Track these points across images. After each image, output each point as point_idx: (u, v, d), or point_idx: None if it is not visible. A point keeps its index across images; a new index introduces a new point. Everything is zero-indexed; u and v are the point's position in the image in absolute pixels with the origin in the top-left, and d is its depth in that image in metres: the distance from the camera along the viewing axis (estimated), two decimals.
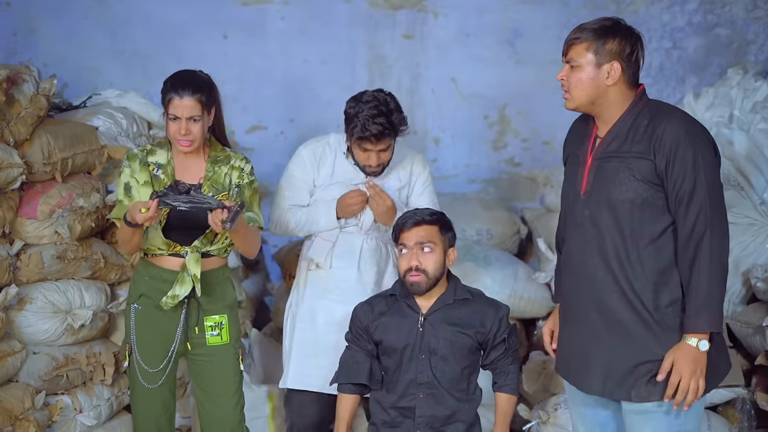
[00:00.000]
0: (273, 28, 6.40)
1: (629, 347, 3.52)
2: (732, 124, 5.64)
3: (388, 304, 4.21)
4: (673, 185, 3.43)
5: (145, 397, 4.19)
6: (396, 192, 4.69)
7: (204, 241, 4.11)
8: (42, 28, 6.39)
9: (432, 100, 6.40)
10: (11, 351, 4.37)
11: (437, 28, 6.41)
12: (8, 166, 4.32)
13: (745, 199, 5.35)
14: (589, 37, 3.53)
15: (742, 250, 5.26)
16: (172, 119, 4.04)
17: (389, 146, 4.55)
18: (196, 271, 4.07)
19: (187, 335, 4.17)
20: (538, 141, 6.48)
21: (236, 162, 4.21)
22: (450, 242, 4.16)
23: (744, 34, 6.38)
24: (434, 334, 4.09)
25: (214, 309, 4.19)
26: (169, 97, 4.05)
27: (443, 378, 4.10)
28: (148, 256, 4.15)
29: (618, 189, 3.51)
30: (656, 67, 6.39)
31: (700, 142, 3.44)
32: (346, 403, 4.24)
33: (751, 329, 4.92)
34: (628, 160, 3.49)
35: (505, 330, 4.15)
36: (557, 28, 6.24)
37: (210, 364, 4.20)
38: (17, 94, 4.48)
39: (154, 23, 6.35)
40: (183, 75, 4.13)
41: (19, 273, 4.48)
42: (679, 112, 3.55)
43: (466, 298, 4.15)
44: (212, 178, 4.15)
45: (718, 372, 3.58)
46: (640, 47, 3.56)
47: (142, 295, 4.14)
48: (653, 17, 6.35)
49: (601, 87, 3.53)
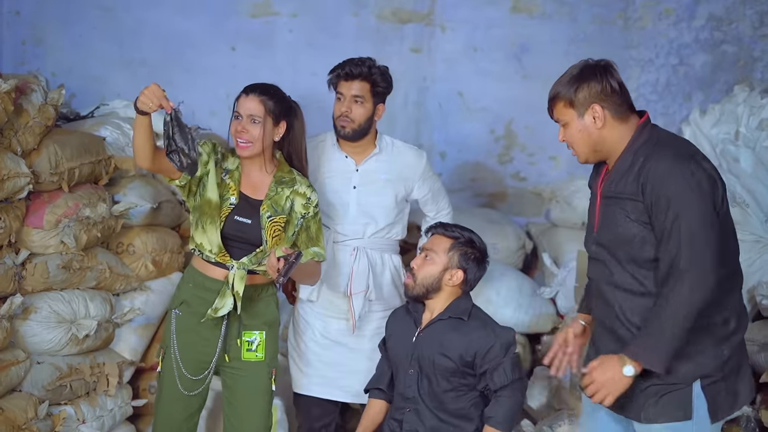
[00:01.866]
0: (281, 40, 6.42)
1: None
2: (738, 141, 5.63)
3: (404, 314, 4.22)
4: (657, 224, 3.41)
5: (176, 403, 4.19)
6: (385, 182, 4.69)
7: (253, 259, 4.11)
8: (50, 37, 6.41)
9: (439, 114, 6.41)
10: (15, 360, 4.37)
11: (445, 42, 6.42)
12: (15, 175, 4.33)
13: (751, 216, 5.35)
14: (562, 94, 3.55)
15: (747, 267, 5.24)
16: (236, 117, 4.10)
17: (364, 98, 4.62)
18: (239, 288, 4.07)
19: (226, 347, 4.17)
20: (544, 156, 6.48)
21: (301, 188, 4.22)
22: (460, 263, 4.10)
23: (751, 51, 6.38)
24: (424, 350, 4.06)
25: (254, 324, 4.20)
26: (238, 95, 4.14)
27: (426, 395, 4.05)
28: (195, 253, 4.16)
29: (617, 230, 3.52)
30: (663, 84, 6.39)
31: (683, 179, 3.37)
32: (371, 407, 4.27)
33: (756, 346, 4.91)
34: (623, 202, 3.50)
35: (499, 359, 3.99)
36: (565, 43, 6.25)
37: (243, 379, 4.21)
38: (25, 103, 4.49)
39: (162, 34, 6.36)
40: (262, 83, 4.21)
41: (24, 282, 4.48)
42: (669, 148, 3.46)
43: (460, 318, 4.07)
44: (273, 198, 4.15)
45: (735, 399, 3.56)
46: (610, 78, 3.51)
47: (183, 301, 4.17)
48: (660, 33, 6.35)
49: (594, 134, 3.53)
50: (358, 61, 4.65)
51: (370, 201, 4.68)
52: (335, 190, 4.69)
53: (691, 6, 6.34)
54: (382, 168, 4.71)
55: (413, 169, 4.76)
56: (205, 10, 6.39)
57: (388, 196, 4.70)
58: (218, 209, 4.08)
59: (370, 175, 4.70)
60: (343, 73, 4.62)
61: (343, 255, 4.68)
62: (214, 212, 4.08)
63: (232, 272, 4.09)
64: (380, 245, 4.71)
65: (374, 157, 4.72)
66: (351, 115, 4.62)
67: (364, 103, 4.62)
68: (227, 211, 4.08)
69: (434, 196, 4.86)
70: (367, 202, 4.68)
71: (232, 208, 4.10)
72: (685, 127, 5.95)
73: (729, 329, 3.52)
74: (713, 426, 3.52)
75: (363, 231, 4.69)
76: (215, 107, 6.24)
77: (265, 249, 4.11)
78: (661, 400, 3.49)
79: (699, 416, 3.49)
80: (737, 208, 5.38)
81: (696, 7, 6.34)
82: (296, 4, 6.41)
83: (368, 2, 6.40)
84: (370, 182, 4.68)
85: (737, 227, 5.28)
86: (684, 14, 6.35)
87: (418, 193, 4.80)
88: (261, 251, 4.11)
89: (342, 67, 4.66)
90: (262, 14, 6.42)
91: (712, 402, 3.49)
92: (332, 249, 4.67)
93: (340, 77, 4.63)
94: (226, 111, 6.30)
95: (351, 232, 4.69)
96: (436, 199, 4.87)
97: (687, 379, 3.48)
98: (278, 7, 6.41)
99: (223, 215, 4.08)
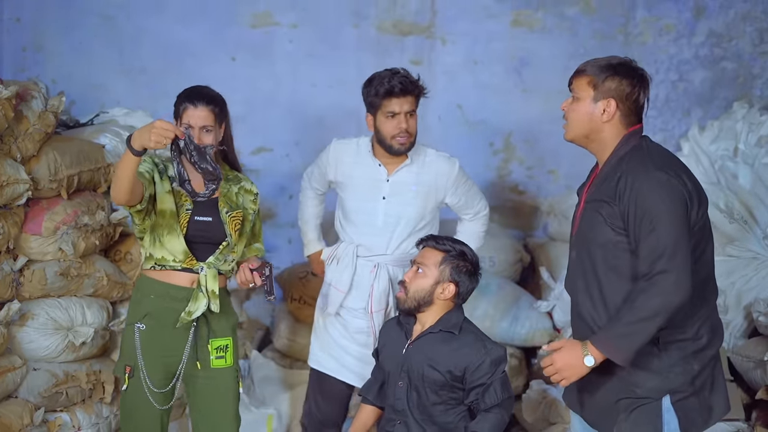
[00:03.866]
0: (281, 50, 6.42)
1: (611, 382, 3.54)
2: (737, 158, 5.64)
3: (395, 325, 4.20)
4: (632, 231, 3.43)
5: (147, 418, 4.14)
6: (416, 194, 4.68)
7: (219, 257, 4.12)
8: (50, 44, 6.41)
9: (438, 127, 6.41)
10: (11, 367, 4.37)
11: (445, 55, 6.43)
12: (15, 181, 4.33)
13: (749, 232, 5.35)
14: (592, 72, 3.57)
15: (744, 284, 5.26)
16: (186, 129, 4.05)
17: (414, 109, 4.61)
18: (214, 287, 4.08)
19: (196, 354, 4.15)
20: (542, 170, 6.49)
21: (246, 184, 4.27)
22: (452, 277, 4.03)
23: (750, 68, 6.39)
24: (413, 363, 4.02)
25: (222, 330, 4.18)
26: (184, 106, 4.08)
27: (414, 408, 4.00)
28: (156, 269, 4.12)
29: (593, 232, 3.54)
30: (662, 99, 6.39)
31: (661, 190, 3.40)
32: (362, 412, 4.26)
33: (752, 363, 4.91)
34: (600, 205, 3.52)
35: (489, 376, 3.92)
36: (565, 58, 6.26)
37: (212, 387, 4.19)
38: (25, 110, 4.49)
39: (162, 43, 6.37)
40: (197, 88, 4.18)
41: (21, 289, 4.48)
42: (652, 158, 3.50)
43: (451, 332, 4.02)
44: (226, 194, 4.17)
45: (709, 413, 3.58)
46: (642, 89, 3.56)
47: (147, 314, 4.10)
48: (660, 49, 6.36)
49: (596, 122, 3.56)
50: (405, 75, 4.59)
51: (398, 211, 4.66)
52: (365, 198, 4.69)
53: (692, 22, 6.36)
54: (413, 179, 4.68)
55: (445, 177, 4.73)
56: (206, 20, 6.39)
57: (417, 206, 4.68)
58: (175, 217, 4.05)
59: (401, 187, 4.67)
60: (399, 90, 4.53)
61: (364, 270, 4.69)
62: (171, 221, 4.05)
63: (203, 273, 4.08)
64: (402, 260, 4.67)
65: (406, 168, 4.68)
66: (410, 129, 4.60)
67: (415, 116, 4.63)
68: (187, 217, 4.07)
69: (468, 200, 4.82)
70: (395, 212, 4.66)
71: (190, 212, 4.09)
72: (684, 143, 5.95)
73: (701, 344, 3.52)
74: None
75: (387, 245, 4.68)
76: None
77: (230, 242, 4.11)
78: (632, 414, 3.51)
79: (669, 431, 3.50)
80: (735, 224, 5.38)
81: (696, 23, 6.36)
82: (297, 14, 6.41)
83: (369, 14, 6.40)
84: (400, 193, 4.66)
85: (735, 244, 5.34)
86: (684, 30, 6.36)
87: (451, 200, 4.78)
88: (225, 246, 4.11)
89: (390, 82, 4.54)
90: (262, 24, 6.42)
91: (683, 418, 3.51)
92: (354, 263, 4.68)
93: (393, 94, 4.54)
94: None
95: (375, 245, 4.68)
96: (471, 204, 4.83)
97: (654, 394, 3.50)
98: (279, 17, 6.41)
99: (184, 221, 4.07)
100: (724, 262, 5.29)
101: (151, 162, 4.11)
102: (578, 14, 6.39)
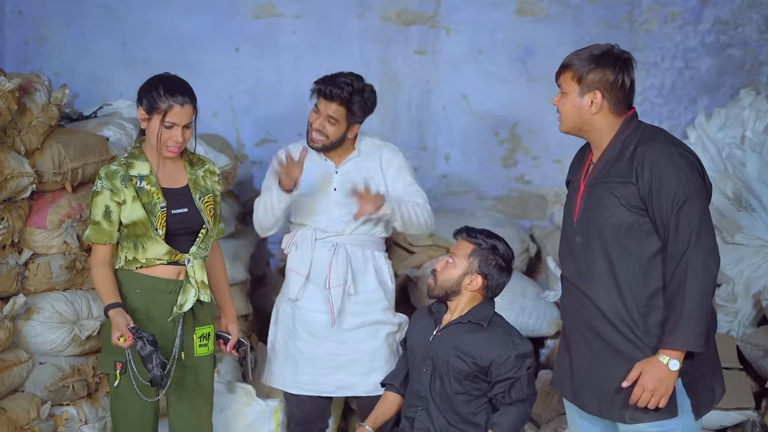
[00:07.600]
0: (285, 41, 6.40)
1: (620, 369, 3.52)
2: (744, 146, 5.62)
3: (426, 313, 4.23)
4: (658, 208, 3.44)
5: (140, 412, 4.11)
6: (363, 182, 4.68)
7: (201, 245, 4.12)
8: (53, 37, 6.39)
9: (443, 117, 6.39)
10: (18, 361, 4.36)
11: (449, 45, 6.41)
12: (19, 175, 4.31)
13: (757, 220, 5.34)
14: (576, 66, 3.59)
15: (752, 272, 5.25)
16: (168, 126, 4.01)
17: (338, 120, 4.66)
18: (202, 277, 4.11)
19: (182, 345, 4.14)
20: (548, 159, 6.46)
21: (210, 165, 4.27)
22: (480, 269, 4.08)
23: (757, 55, 6.37)
24: (439, 350, 4.07)
25: (205, 319, 4.20)
26: (168, 105, 4.00)
27: (437, 396, 4.05)
28: (138, 269, 4.08)
29: (604, 214, 3.53)
30: (668, 87, 6.37)
31: (682, 163, 3.45)
32: (385, 399, 4.30)
33: (762, 351, 4.90)
34: (613, 186, 3.52)
35: (515, 370, 3.98)
36: (570, 46, 6.13)
37: (194, 375, 4.20)
38: (29, 103, 4.47)
39: (165, 34, 6.35)
40: (175, 82, 4.10)
41: (27, 282, 4.47)
42: (662, 135, 3.56)
43: (479, 325, 4.07)
44: (195, 180, 4.17)
45: (713, 394, 3.60)
46: (626, 73, 3.57)
47: (135, 309, 4.05)
48: (666, 36, 6.33)
49: (585, 115, 3.59)
50: (342, 83, 4.67)
51: (350, 201, 4.68)
52: (315, 192, 4.75)
53: (697, 9, 6.33)
54: (360, 168, 4.76)
55: (387, 164, 4.82)
56: (209, 11, 6.37)
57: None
58: (149, 223, 4.01)
59: (350, 176, 4.73)
60: (325, 91, 4.67)
61: (322, 251, 4.73)
62: (146, 227, 4.01)
63: (189, 265, 4.09)
64: (362, 241, 4.77)
65: (352, 160, 4.80)
66: (324, 131, 4.69)
67: (338, 124, 4.69)
68: (163, 215, 4.04)
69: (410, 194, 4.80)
70: (347, 202, 4.70)
71: (165, 209, 4.06)
72: (691, 131, 5.93)
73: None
74: (696, 423, 3.56)
75: (343, 228, 4.75)
76: (218, 108, 6.23)
77: (208, 229, 4.12)
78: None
79: (684, 413, 3.51)
80: (743, 212, 5.37)
81: (702, 10, 6.33)
82: (300, 5, 6.39)
83: (373, 4, 6.38)
84: (349, 183, 4.70)
85: (744, 231, 5.33)
86: (690, 18, 6.33)
87: (392, 188, 4.79)
88: (205, 233, 4.12)
89: (324, 84, 4.70)
90: (265, 15, 6.40)
91: (694, 398, 3.52)
92: (312, 246, 4.72)
93: (320, 94, 4.69)
94: (229, 112, 6.32)
95: (331, 229, 4.75)
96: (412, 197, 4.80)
97: None
98: (282, 8, 6.39)
99: (162, 219, 4.04)
100: (732, 250, 5.27)
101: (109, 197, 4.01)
102: (583, 2, 6.36)
